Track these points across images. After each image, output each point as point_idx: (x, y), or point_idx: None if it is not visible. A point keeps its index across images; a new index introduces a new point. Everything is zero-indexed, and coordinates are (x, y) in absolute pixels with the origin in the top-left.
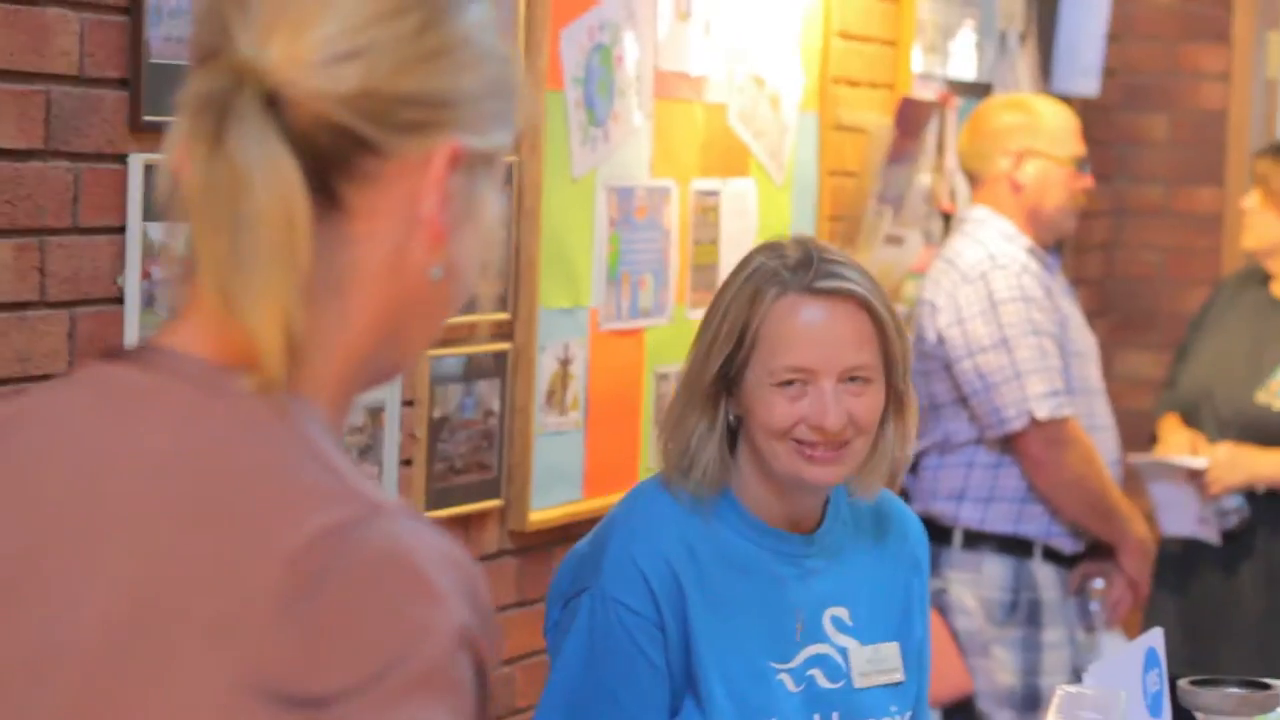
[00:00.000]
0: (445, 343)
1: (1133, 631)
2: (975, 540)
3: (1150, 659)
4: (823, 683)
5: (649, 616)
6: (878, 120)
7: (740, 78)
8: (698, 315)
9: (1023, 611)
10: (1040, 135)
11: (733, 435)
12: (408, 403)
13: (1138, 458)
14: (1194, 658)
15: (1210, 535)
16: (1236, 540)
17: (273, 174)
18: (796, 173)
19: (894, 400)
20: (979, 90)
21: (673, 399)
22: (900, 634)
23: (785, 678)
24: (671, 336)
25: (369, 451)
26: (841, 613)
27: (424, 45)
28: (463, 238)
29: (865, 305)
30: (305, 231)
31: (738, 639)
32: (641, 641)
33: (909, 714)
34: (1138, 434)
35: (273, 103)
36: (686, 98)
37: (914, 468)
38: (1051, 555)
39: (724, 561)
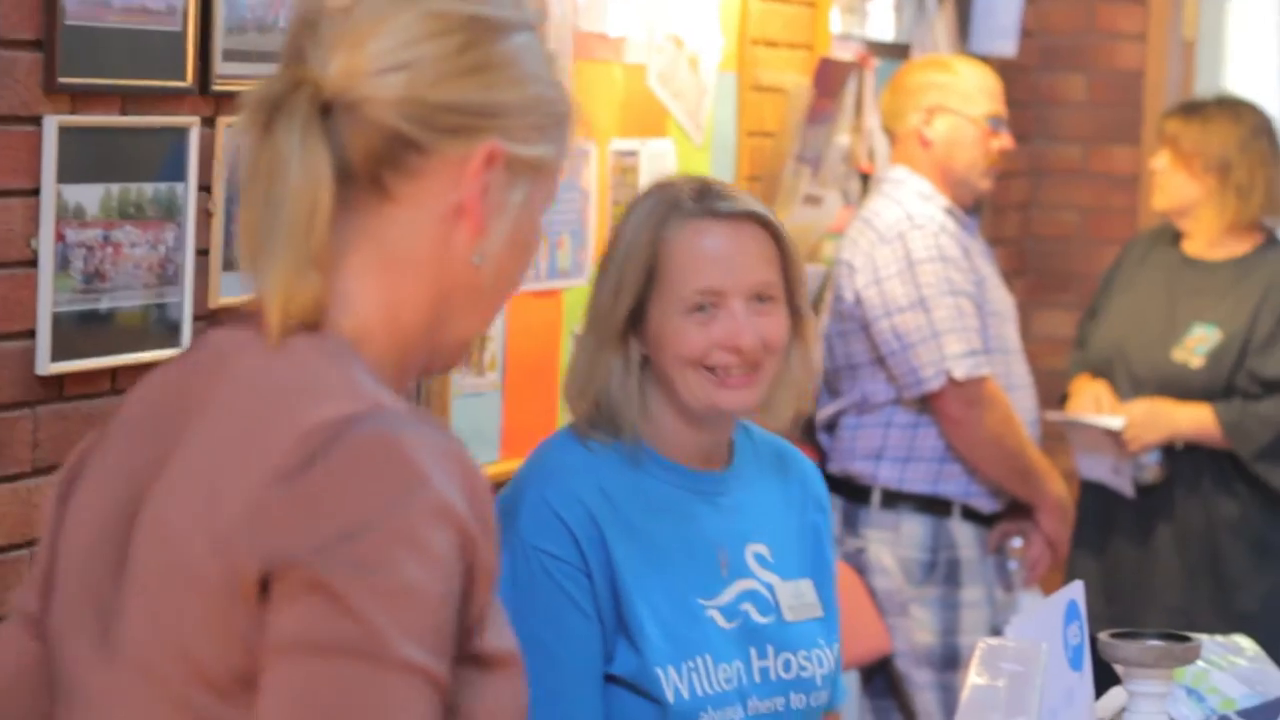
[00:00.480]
0: None
1: (1051, 590)
2: (893, 500)
3: (1071, 612)
4: (756, 618)
5: (573, 561)
6: (796, 81)
7: (659, 38)
8: None
9: (941, 571)
10: (952, 93)
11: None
12: None
13: (1055, 415)
14: (1113, 616)
15: (1124, 487)
16: (1153, 498)
17: (306, 164)
18: (715, 133)
19: (797, 323)
20: (897, 51)
21: (576, 350)
22: (814, 571)
23: (715, 614)
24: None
25: None
26: (761, 549)
27: (465, 61)
28: (503, 231)
29: (766, 225)
30: (324, 217)
31: (664, 579)
32: (568, 588)
33: (835, 647)
34: (1056, 393)
35: (329, 109)
36: (605, 58)
37: (832, 428)
38: (970, 515)
39: (642, 504)
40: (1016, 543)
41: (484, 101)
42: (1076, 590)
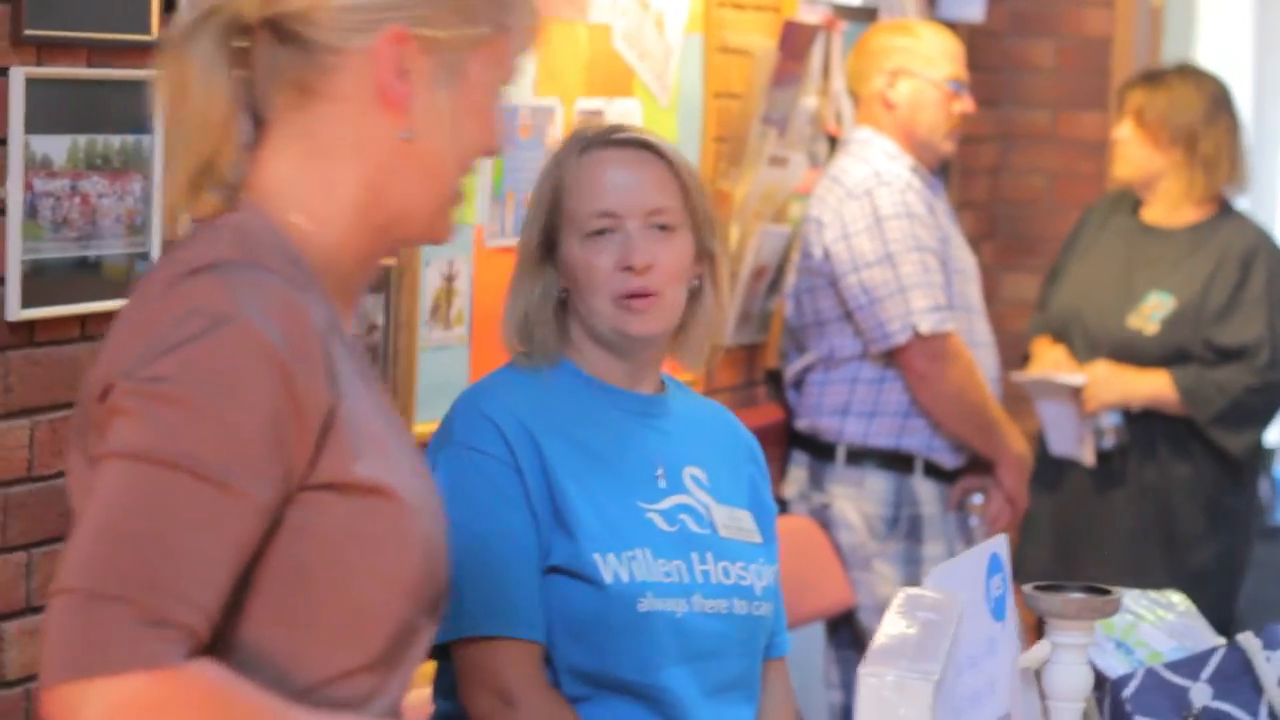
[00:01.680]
0: None
1: (1012, 545)
2: (858, 456)
3: (993, 564)
4: (693, 527)
5: (502, 458)
6: (762, 43)
7: None
8: None
9: (904, 526)
10: (915, 56)
11: (566, 311)
12: None
13: (1020, 376)
14: (1065, 572)
15: (1086, 456)
16: (1110, 460)
17: (206, 85)
18: (682, 94)
19: (707, 263)
20: (865, 15)
21: (509, 292)
22: (753, 508)
23: (655, 516)
24: None
25: None
26: (697, 472)
27: None
28: (428, 107)
29: (662, 155)
30: (218, 132)
31: (603, 480)
32: (499, 482)
33: (775, 567)
34: (1022, 355)
35: (247, 29)
36: (570, 18)
37: (799, 383)
38: (932, 471)
39: (578, 416)
40: (977, 499)
41: None
42: (1000, 544)
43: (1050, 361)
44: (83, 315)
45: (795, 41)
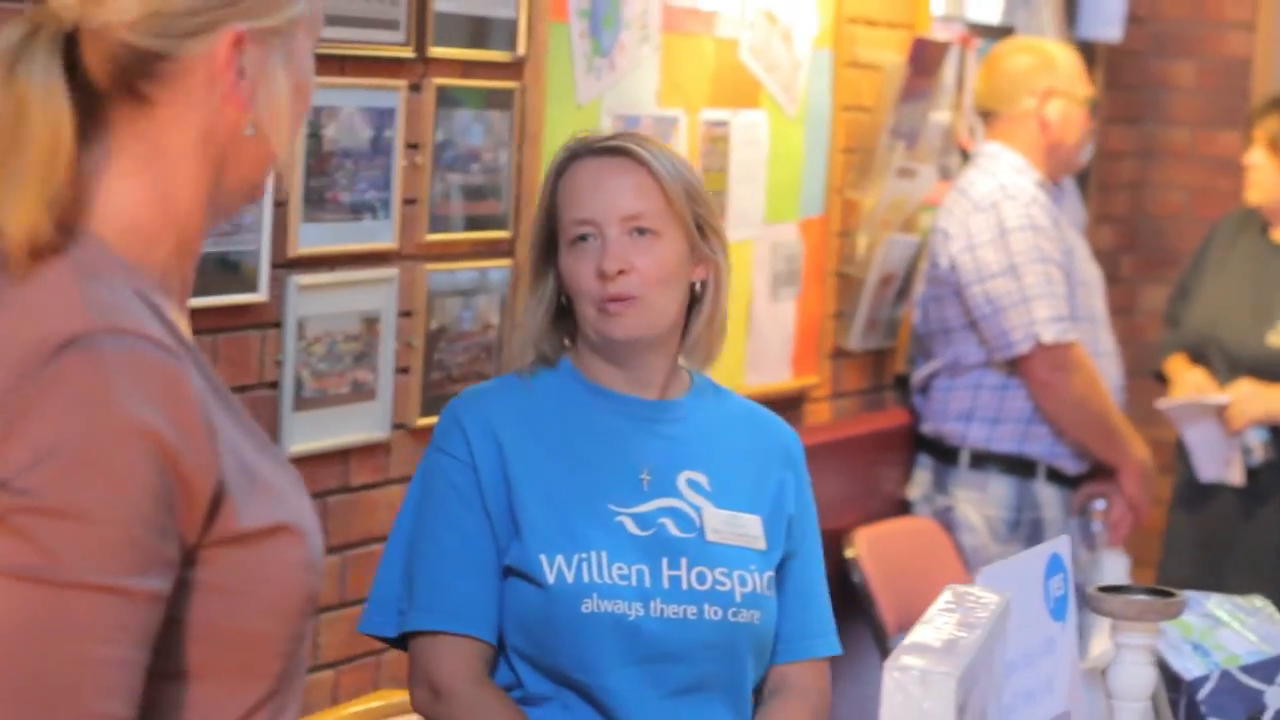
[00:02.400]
0: (446, 258)
1: (1134, 551)
2: (981, 460)
3: (1053, 564)
4: (673, 531)
5: (460, 456)
6: (892, 58)
7: (752, 13)
8: None
9: (1025, 530)
10: (1061, 76)
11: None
12: (405, 313)
13: (1165, 402)
14: (1208, 587)
15: (1234, 476)
16: (1257, 475)
17: (48, 109)
18: (810, 106)
19: (711, 268)
20: (1001, 34)
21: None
22: (766, 512)
23: (626, 520)
24: None
25: (364, 358)
26: (698, 477)
27: None
28: (269, 98)
29: (639, 160)
30: (66, 158)
31: (573, 482)
32: (455, 479)
33: (769, 574)
34: (1155, 372)
35: (71, 41)
36: (696, 31)
37: (925, 389)
38: (1055, 476)
39: (562, 418)
40: (1099, 504)
41: None
42: (1061, 544)
43: (1191, 384)
44: (190, 310)
45: (925, 58)
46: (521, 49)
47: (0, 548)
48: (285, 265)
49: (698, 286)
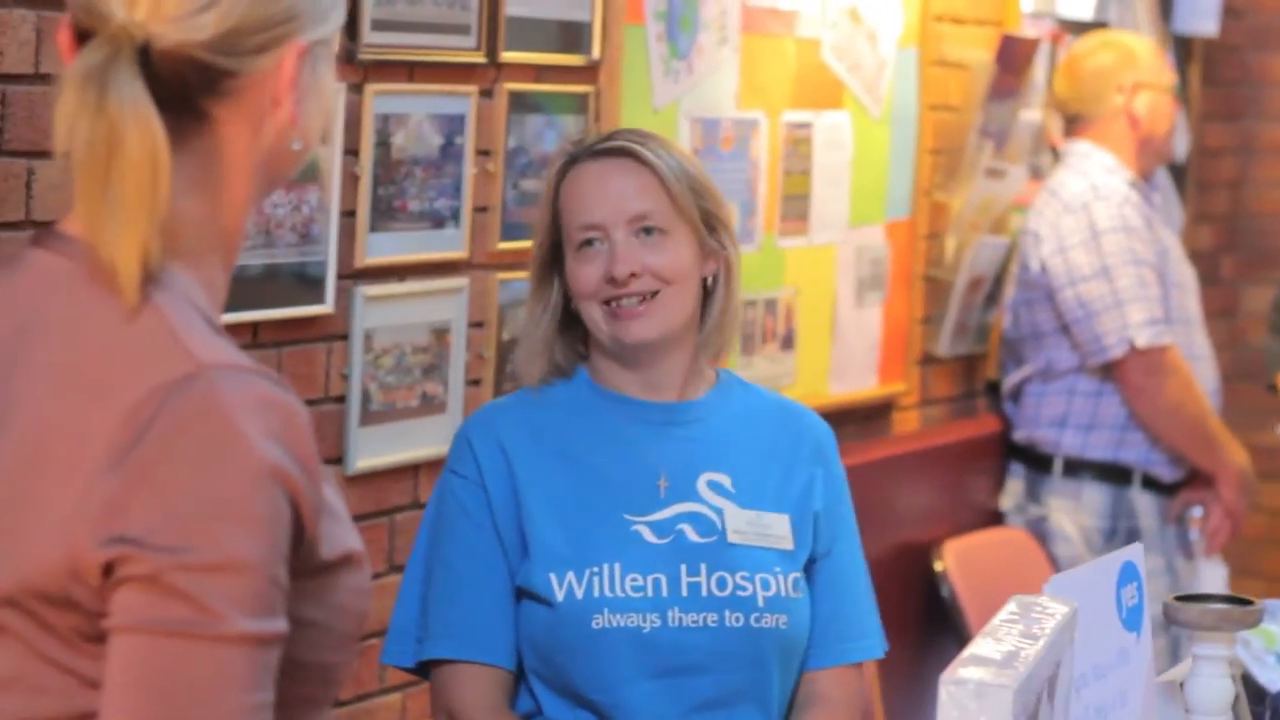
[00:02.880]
0: (519, 267)
1: (1233, 559)
2: (1076, 468)
3: (1126, 573)
4: (692, 537)
5: (470, 476)
6: (979, 57)
7: (834, 13)
8: (788, 244)
9: (1121, 539)
10: (1145, 68)
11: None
12: (476, 324)
13: None
14: None
15: None
16: None
17: (143, 133)
18: (895, 106)
19: (721, 261)
20: (1093, 29)
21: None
22: (794, 510)
23: (643, 529)
24: (759, 264)
25: (433, 370)
26: (720, 478)
27: None
28: (315, 110)
29: (641, 159)
30: (166, 178)
31: (586, 495)
32: (468, 504)
33: (796, 575)
34: (1261, 367)
35: (146, 58)
36: (776, 32)
37: (1016, 396)
38: (1151, 483)
39: (574, 429)
40: (1197, 512)
41: (280, 11)
42: (1135, 552)
43: None
44: (255, 322)
45: (1013, 55)
46: (596, 52)
47: (149, 605)
48: (352, 276)
49: (709, 281)
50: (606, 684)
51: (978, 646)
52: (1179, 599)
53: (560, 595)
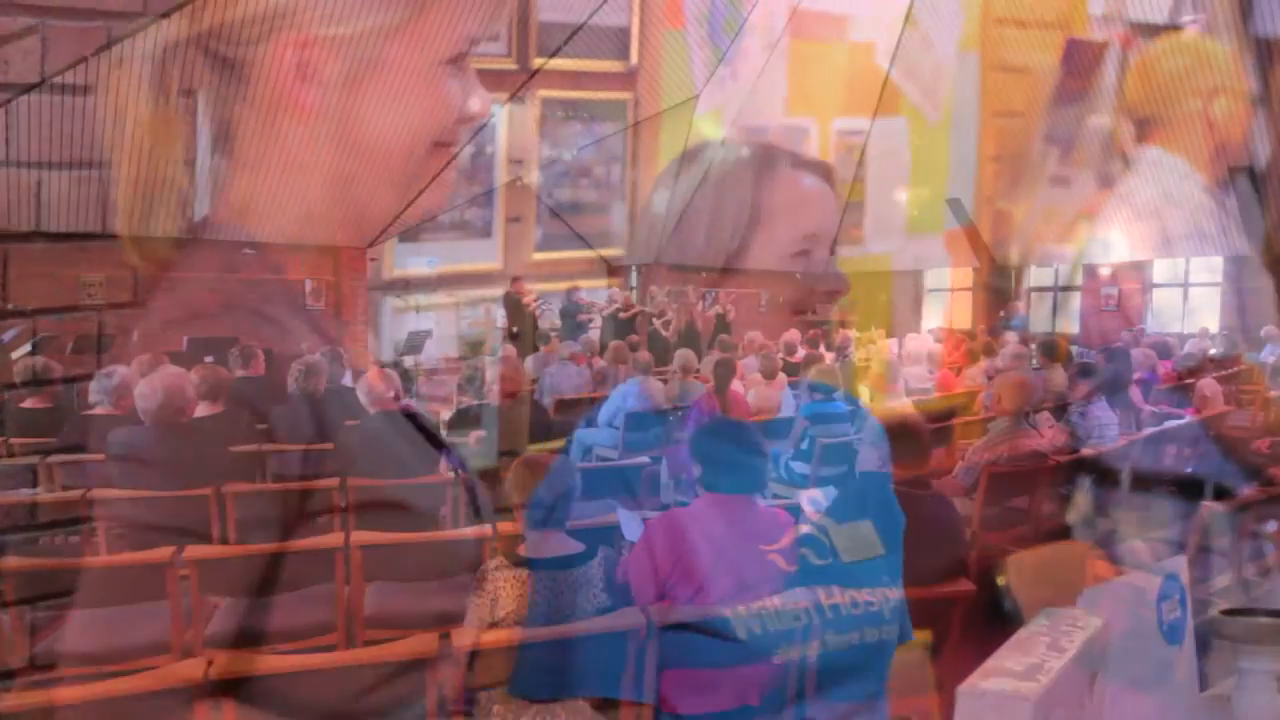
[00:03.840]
0: (555, 278)
1: None
2: (1144, 482)
3: (1168, 588)
4: (814, 560)
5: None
6: (1044, 61)
7: (889, 16)
8: (843, 251)
9: (1190, 553)
10: (1221, 72)
11: None
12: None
13: None
14: None
15: None
16: None
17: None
18: (955, 112)
19: None
20: (1168, 32)
21: None
22: (877, 515)
23: (776, 557)
24: None
25: (468, 382)
26: (814, 493)
27: None
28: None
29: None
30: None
31: (734, 528)
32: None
33: (898, 586)
34: None
35: (173, 49)
36: (827, 37)
37: (1084, 408)
38: (1222, 496)
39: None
40: (1271, 526)
41: (271, 6)
42: (1177, 564)
43: None
44: None
45: (1079, 59)
46: (634, 58)
47: None
48: (381, 288)
49: None
50: (779, 713)
51: (1002, 657)
52: (1225, 613)
53: (742, 632)
